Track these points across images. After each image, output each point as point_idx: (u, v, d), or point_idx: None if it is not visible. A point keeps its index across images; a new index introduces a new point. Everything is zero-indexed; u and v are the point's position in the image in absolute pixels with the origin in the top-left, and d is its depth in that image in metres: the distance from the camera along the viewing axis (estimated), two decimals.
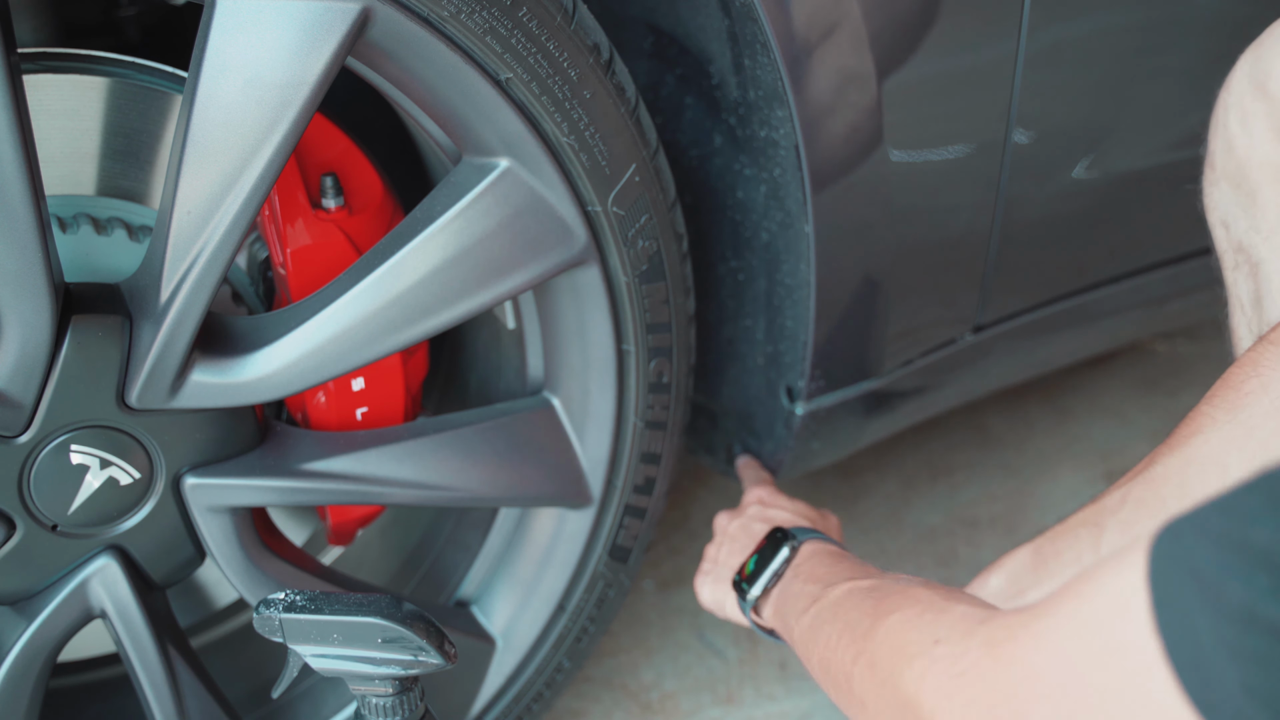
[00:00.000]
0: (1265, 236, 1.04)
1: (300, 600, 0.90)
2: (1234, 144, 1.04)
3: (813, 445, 1.34)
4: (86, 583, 1.03)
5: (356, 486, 1.08)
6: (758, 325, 1.30)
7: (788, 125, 1.09)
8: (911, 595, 0.87)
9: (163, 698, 1.07)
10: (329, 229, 1.07)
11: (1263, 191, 1.03)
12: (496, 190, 1.00)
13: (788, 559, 1.09)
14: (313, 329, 0.99)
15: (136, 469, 1.00)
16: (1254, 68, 1.02)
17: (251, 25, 0.86)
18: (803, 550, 1.09)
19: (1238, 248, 1.08)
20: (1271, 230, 1.04)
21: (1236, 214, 1.07)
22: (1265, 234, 1.04)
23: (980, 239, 1.27)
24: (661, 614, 1.63)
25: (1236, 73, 1.05)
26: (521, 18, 0.93)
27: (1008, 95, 1.17)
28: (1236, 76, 1.05)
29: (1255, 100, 1.02)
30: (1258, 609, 0.52)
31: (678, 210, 1.13)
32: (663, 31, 1.20)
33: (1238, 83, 1.04)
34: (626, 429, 1.18)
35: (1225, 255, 1.10)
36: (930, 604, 0.83)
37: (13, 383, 0.92)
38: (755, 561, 1.12)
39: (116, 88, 1.01)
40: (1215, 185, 1.09)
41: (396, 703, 0.92)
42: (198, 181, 0.89)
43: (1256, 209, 1.04)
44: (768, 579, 1.09)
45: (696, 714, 1.49)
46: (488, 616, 1.26)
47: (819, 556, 1.06)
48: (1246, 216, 1.06)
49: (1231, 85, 1.05)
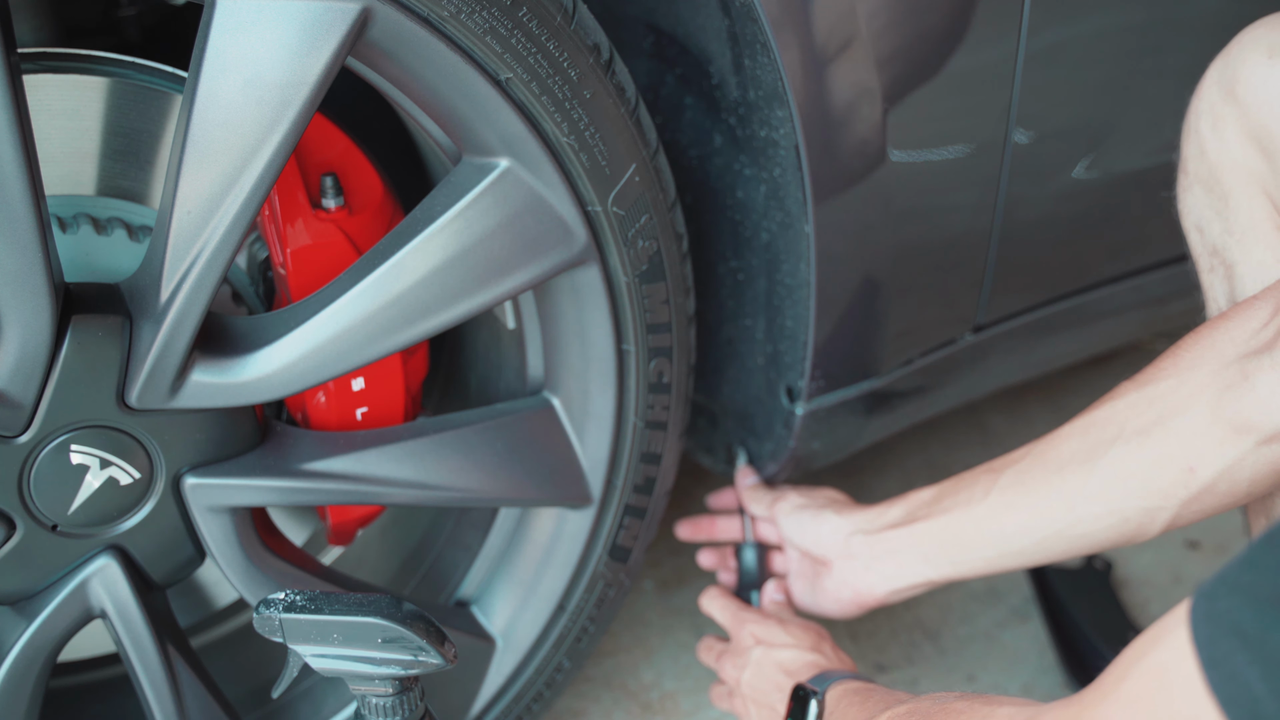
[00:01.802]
0: (1239, 239, 1.06)
1: (300, 600, 0.90)
2: (1206, 149, 1.06)
3: (813, 445, 1.34)
4: (86, 583, 1.03)
5: (356, 486, 1.08)
6: (758, 325, 1.30)
7: (788, 125, 1.09)
8: (952, 709, 0.88)
9: (163, 698, 1.07)
10: (329, 229, 1.07)
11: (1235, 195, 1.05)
12: (496, 190, 1.00)
13: (818, 715, 1.09)
14: (313, 329, 0.99)
15: (136, 469, 1.00)
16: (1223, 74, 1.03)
17: (251, 25, 0.86)
18: (829, 700, 1.09)
19: (1212, 251, 1.09)
20: (1245, 233, 1.05)
21: (1210, 218, 1.08)
22: (1239, 236, 1.06)
23: (980, 239, 1.27)
24: (661, 614, 1.63)
25: (1207, 79, 1.06)
26: (521, 18, 0.93)
27: (1008, 95, 1.17)
28: (1207, 83, 1.06)
29: (1226, 105, 1.03)
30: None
31: (678, 210, 1.13)
32: (663, 31, 1.20)
33: (1208, 89, 1.05)
34: (626, 429, 1.18)
35: (1201, 259, 1.12)
36: (973, 713, 0.85)
37: (13, 382, 0.92)
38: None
39: (116, 88, 1.01)
40: (1189, 190, 1.10)
41: (396, 703, 0.92)
42: (198, 181, 0.89)
43: (1230, 212, 1.06)
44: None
45: (696, 714, 1.49)
46: (488, 616, 1.26)
47: (847, 698, 1.07)
48: (1220, 220, 1.07)
49: (1203, 92, 1.06)
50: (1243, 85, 1.01)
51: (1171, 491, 0.99)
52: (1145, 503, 1.01)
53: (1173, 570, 1.70)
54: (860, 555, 1.24)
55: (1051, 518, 1.08)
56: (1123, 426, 1.02)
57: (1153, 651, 0.63)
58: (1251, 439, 0.93)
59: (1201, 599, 0.60)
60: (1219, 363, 0.96)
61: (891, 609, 1.64)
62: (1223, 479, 0.96)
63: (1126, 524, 1.04)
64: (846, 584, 1.25)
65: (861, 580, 1.24)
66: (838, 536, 1.26)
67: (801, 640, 1.22)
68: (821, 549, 1.27)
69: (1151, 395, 1.00)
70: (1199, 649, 0.58)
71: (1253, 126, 1.01)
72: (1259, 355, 0.93)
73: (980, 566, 1.15)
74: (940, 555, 1.17)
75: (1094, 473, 1.04)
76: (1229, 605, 0.58)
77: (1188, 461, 0.97)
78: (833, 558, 1.26)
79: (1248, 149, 1.03)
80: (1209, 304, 1.12)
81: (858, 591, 1.24)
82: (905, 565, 1.20)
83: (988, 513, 1.12)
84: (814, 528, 1.28)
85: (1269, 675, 0.54)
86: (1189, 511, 1.00)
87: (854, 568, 1.24)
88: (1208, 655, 0.58)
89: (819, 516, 1.28)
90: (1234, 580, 0.58)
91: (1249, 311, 0.96)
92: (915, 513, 1.20)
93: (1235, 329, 0.96)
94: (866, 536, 1.23)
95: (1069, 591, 1.58)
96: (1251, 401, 0.93)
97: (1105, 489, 1.03)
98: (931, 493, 1.20)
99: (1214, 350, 0.97)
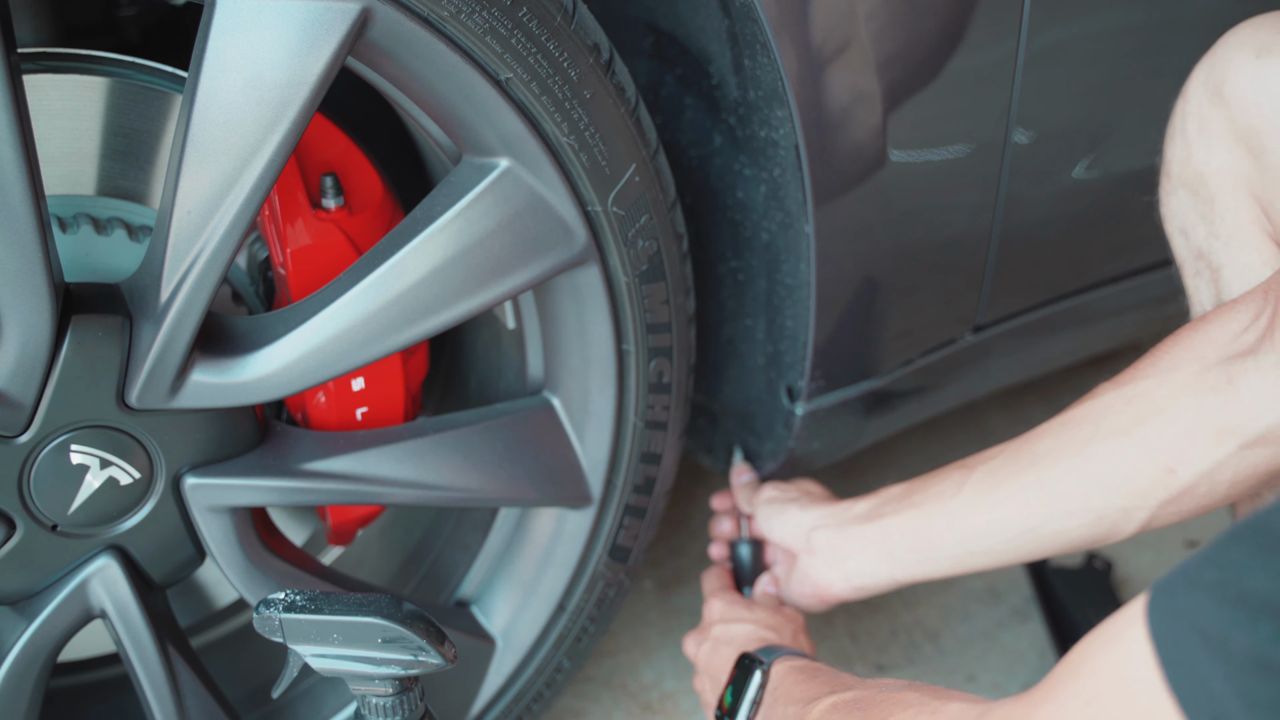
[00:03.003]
0: (1225, 242, 1.05)
1: (300, 600, 0.90)
2: (1192, 151, 1.06)
3: (813, 445, 1.34)
4: (86, 583, 1.03)
5: (356, 486, 1.08)
6: (758, 325, 1.30)
7: (788, 125, 1.09)
8: (899, 700, 0.87)
9: (163, 698, 1.07)
10: (329, 229, 1.07)
11: (1221, 198, 1.05)
12: (496, 190, 1.00)
13: (761, 684, 1.07)
14: (313, 329, 0.99)
15: (136, 469, 1.00)
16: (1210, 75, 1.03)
17: (251, 25, 0.86)
18: (774, 672, 1.07)
19: (1198, 255, 1.09)
20: (1231, 236, 1.05)
21: (1195, 221, 1.08)
22: (1224, 239, 1.05)
23: (980, 239, 1.27)
24: (661, 614, 1.63)
25: (1192, 82, 1.06)
26: (521, 18, 0.93)
27: (1008, 95, 1.17)
28: (1193, 86, 1.06)
29: (1213, 107, 1.03)
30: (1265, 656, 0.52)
31: (678, 210, 1.13)
32: (663, 31, 1.20)
33: (1194, 91, 1.05)
34: (626, 429, 1.18)
35: (1185, 263, 1.11)
36: (922, 706, 0.83)
37: (13, 382, 0.92)
38: (731, 693, 1.09)
39: (116, 88, 1.01)
40: (1173, 194, 1.10)
41: (396, 703, 0.92)
42: (198, 181, 0.89)
43: (1215, 215, 1.05)
44: (747, 709, 1.07)
45: (696, 714, 1.49)
46: (488, 616, 1.26)
47: (792, 674, 1.05)
48: (1205, 223, 1.07)
49: (1188, 94, 1.06)
50: (1230, 86, 1.01)
51: (1150, 492, 0.98)
52: (1122, 502, 1.00)
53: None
54: (821, 550, 1.22)
55: (1025, 515, 1.06)
56: (1099, 425, 1.01)
57: (1108, 649, 0.61)
58: (1234, 442, 0.93)
59: (1160, 595, 0.58)
60: (1200, 365, 0.95)
61: (892, 609, 1.64)
62: (1203, 481, 0.96)
63: (1101, 523, 1.03)
64: (807, 578, 1.24)
65: (821, 576, 1.22)
66: (800, 530, 1.25)
67: (762, 620, 1.21)
68: (787, 542, 1.27)
69: (1130, 395, 1.00)
70: (1158, 648, 0.57)
71: (1240, 128, 1.01)
72: (1242, 358, 0.93)
73: (947, 566, 1.14)
74: (907, 552, 1.15)
75: (1070, 471, 1.03)
76: (1190, 603, 0.56)
77: (1168, 462, 0.96)
78: (798, 551, 1.25)
79: (1235, 151, 1.02)
80: (1194, 308, 1.12)
81: (817, 586, 1.23)
82: (869, 562, 1.19)
83: (960, 508, 1.11)
84: (780, 521, 1.27)
85: (1232, 676, 0.53)
86: (1166, 512, 0.99)
87: (814, 563, 1.23)
88: (1168, 655, 0.56)
89: (785, 510, 1.28)
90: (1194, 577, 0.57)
91: (1231, 314, 0.96)
92: (882, 508, 1.18)
93: (1217, 331, 0.96)
94: (829, 531, 1.22)
95: (1069, 591, 1.58)
96: (1235, 405, 0.92)
97: (1081, 487, 1.02)
98: (901, 488, 1.18)
99: (1194, 352, 0.96)
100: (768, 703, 1.06)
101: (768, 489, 1.34)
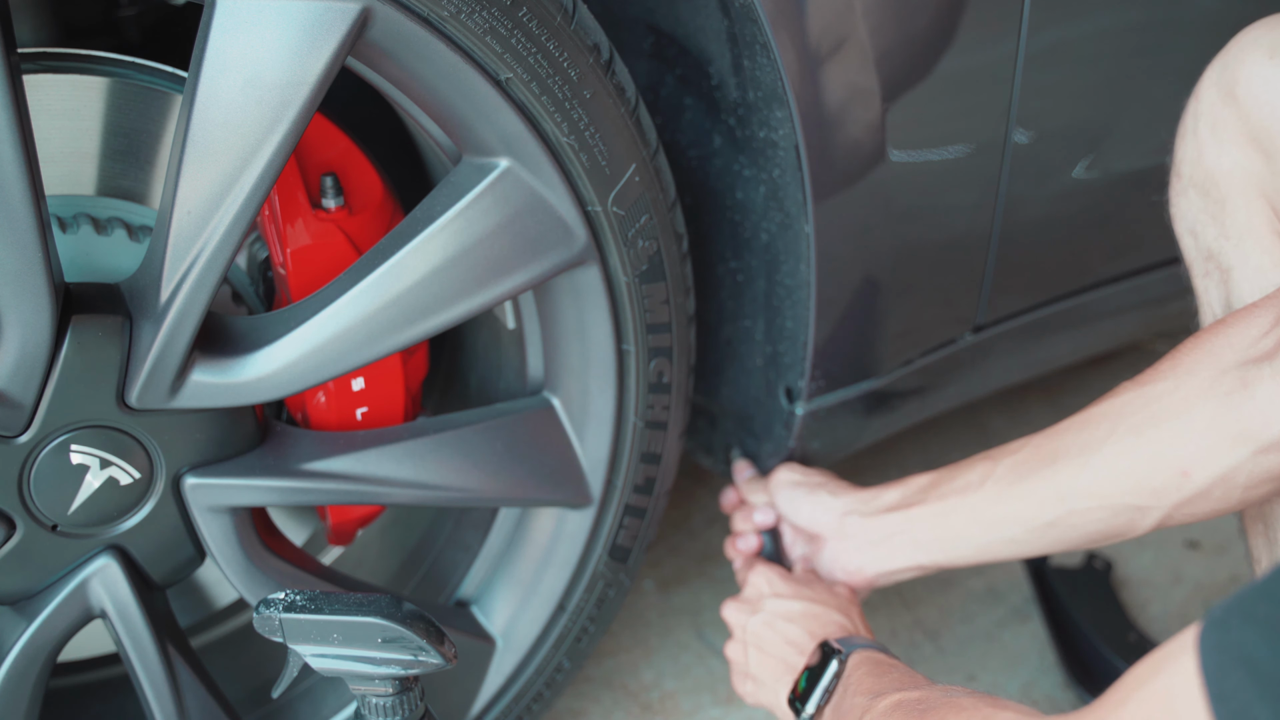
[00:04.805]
0: (1235, 243, 1.06)
1: (300, 600, 0.90)
2: (1204, 151, 1.06)
3: (812, 445, 1.34)
4: (86, 583, 1.03)
5: (356, 486, 1.08)
6: (757, 326, 1.30)
7: (787, 126, 1.09)
8: (956, 705, 0.88)
9: (163, 698, 1.07)
10: (329, 229, 1.07)
11: (1233, 199, 1.05)
12: (496, 190, 1.00)
13: (836, 674, 1.10)
14: (313, 329, 0.99)
15: (136, 469, 1.00)
16: (1222, 76, 1.03)
17: (251, 25, 0.86)
18: (850, 662, 1.09)
19: (1207, 255, 1.09)
20: (1242, 237, 1.05)
21: (1205, 221, 1.08)
22: (1235, 240, 1.05)
23: (980, 239, 1.27)
24: (661, 614, 1.63)
25: (1204, 82, 1.06)
26: (521, 18, 0.93)
27: (1008, 95, 1.17)
28: (1205, 85, 1.06)
29: (1225, 107, 1.03)
30: None
31: (678, 210, 1.13)
32: (663, 32, 1.20)
33: (1206, 91, 1.05)
34: (626, 429, 1.18)
35: (1195, 264, 1.12)
36: (975, 711, 0.84)
37: (13, 382, 0.92)
38: (806, 679, 1.12)
39: (116, 88, 1.01)
40: (1183, 194, 1.10)
41: (396, 703, 0.92)
42: (198, 181, 0.89)
43: (1226, 215, 1.05)
44: (820, 697, 1.10)
45: (696, 714, 1.49)
46: (488, 616, 1.26)
47: (866, 666, 1.07)
48: (1216, 224, 1.07)
49: (1200, 94, 1.06)
50: (1243, 87, 1.01)
51: (1164, 492, 0.99)
52: (1137, 500, 1.01)
53: (1173, 570, 1.70)
54: (854, 536, 1.24)
55: (1045, 508, 1.08)
56: (1117, 425, 1.02)
57: (1158, 676, 0.62)
58: (1249, 447, 0.93)
59: (1212, 627, 0.58)
60: (1218, 369, 0.96)
61: (892, 609, 1.64)
62: (1218, 485, 0.96)
63: (1116, 519, 1.04)
64: (838, 562, 1.26)
65: (853, 560, 1.24)
66: (832, 516, 1.26)
67: (816, 597, 1.22)
68: (816, 526, 1.28)
69: (1149, 396, 1.00)
70: (1207, 680, 0.57)
71: (1253, 128, 1.01)
72: (1259, 364, 0.93)
73: (970, 554, 1.16)
74: (933, 541, 1.18)
75: (1087, 467, 1.04)
76: (1242, 637, 0.56)
77: (1182, 465, 0.97)
78: (827, 536, 1.27)
79: (1247, 151, 1.03)
80: (1203, 309, 1.12)
81: (848, 571, 1.25)
82: (898, 549, 1.21)
83: (983, 500, 1.13)
84: (809, 505, 1.29)
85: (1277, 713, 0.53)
86: (1180, 513, 1.00)
87: (846, 548, 1.25)
88: (1216, 688, 0.56)
89: (814, 495, 1.29)
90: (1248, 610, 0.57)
91: (1249, 319, 0.96)
92: (911, 498, 1.21)
93: (1235, 336, 0.96)
94: (862, 519, 1.24)
95: (1069, 591, 1.58)
96: (1250, 410, 0.92)
97: (1098, 485, 1.03)
98: (928, 478, 1.21)
99: (1213, 356, 0.96)
100: (839, 691, 1.08)
101: (784, 471, 1.34)
